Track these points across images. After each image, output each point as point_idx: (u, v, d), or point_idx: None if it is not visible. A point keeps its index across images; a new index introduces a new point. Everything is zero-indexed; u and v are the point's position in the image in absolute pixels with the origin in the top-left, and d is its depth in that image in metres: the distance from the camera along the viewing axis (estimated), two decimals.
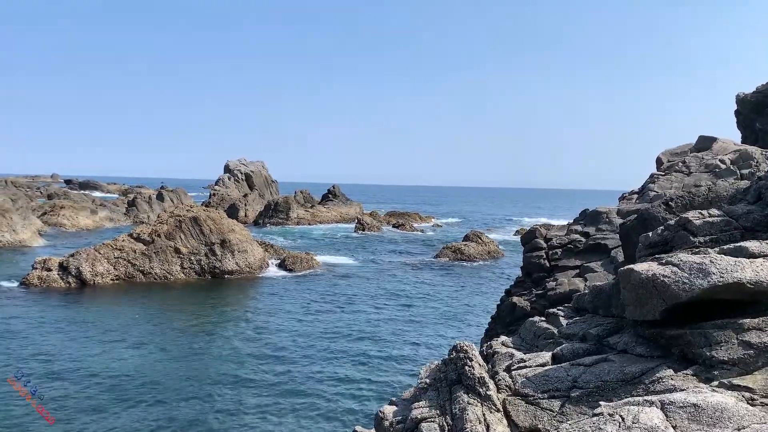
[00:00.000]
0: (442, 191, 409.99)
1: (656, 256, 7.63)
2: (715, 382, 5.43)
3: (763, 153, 20.03)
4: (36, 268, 35.74)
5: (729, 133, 24.75)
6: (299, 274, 42.05)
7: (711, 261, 6.22)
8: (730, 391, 5.03)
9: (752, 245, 6.72)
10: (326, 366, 21.48)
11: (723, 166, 19.45)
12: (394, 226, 79.03)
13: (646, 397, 4.88)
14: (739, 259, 6.32)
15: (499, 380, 7.06)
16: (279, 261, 45.44)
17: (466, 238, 55.17)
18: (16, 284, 34.46)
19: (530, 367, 7.22)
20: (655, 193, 18.28)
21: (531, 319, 9.66)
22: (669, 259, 6.71)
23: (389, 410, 7.91)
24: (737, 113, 27.87)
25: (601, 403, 5.14)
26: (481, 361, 7.50)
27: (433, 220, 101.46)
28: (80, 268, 35.70)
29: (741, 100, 27.29)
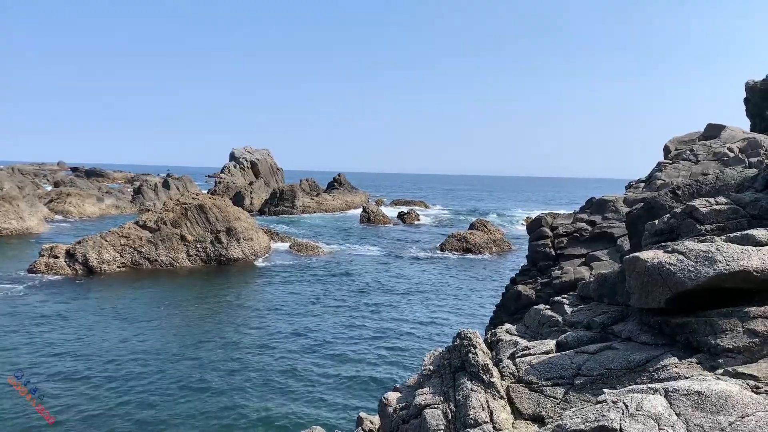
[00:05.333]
0: (448, 180, 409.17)
1: (662, 244, 7.60)
2: (720, 370, 5.41)
3: None
4: (43, 255, 35.97)
5: (738, 122, 24.57)
6: (304, 262, 42.15)
7: (717, 249, 6.18)
8: (734, 379, 5.01)
9: (759, 233, 6.67)
10: (329, 353, 21.57)
11: (731, 155, 19.30)
12: (399, 215, 79.01)
13: (650, 385, 4.87)
14: (746, 247, 6.27)
15: (503, 367, 7.06)
16: (285, 249, 45.57)
17: (472, 227, 55.07)
18: (23, 271, 34.70)
19: (534, 354, 7.22)
20: (662, 181, 18.17)
21: (536, 307, 9.66)
22: (675, 247, 6.68)
23: (393, 397, 7.95)
24: (746, 101, 27.59)
25: (604, 390, 5.13)
26: (485, 349, 7.51)
27: (438, 208, 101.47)
28: (87, 255, 35.90)
29: (750, 88, 27.01)
